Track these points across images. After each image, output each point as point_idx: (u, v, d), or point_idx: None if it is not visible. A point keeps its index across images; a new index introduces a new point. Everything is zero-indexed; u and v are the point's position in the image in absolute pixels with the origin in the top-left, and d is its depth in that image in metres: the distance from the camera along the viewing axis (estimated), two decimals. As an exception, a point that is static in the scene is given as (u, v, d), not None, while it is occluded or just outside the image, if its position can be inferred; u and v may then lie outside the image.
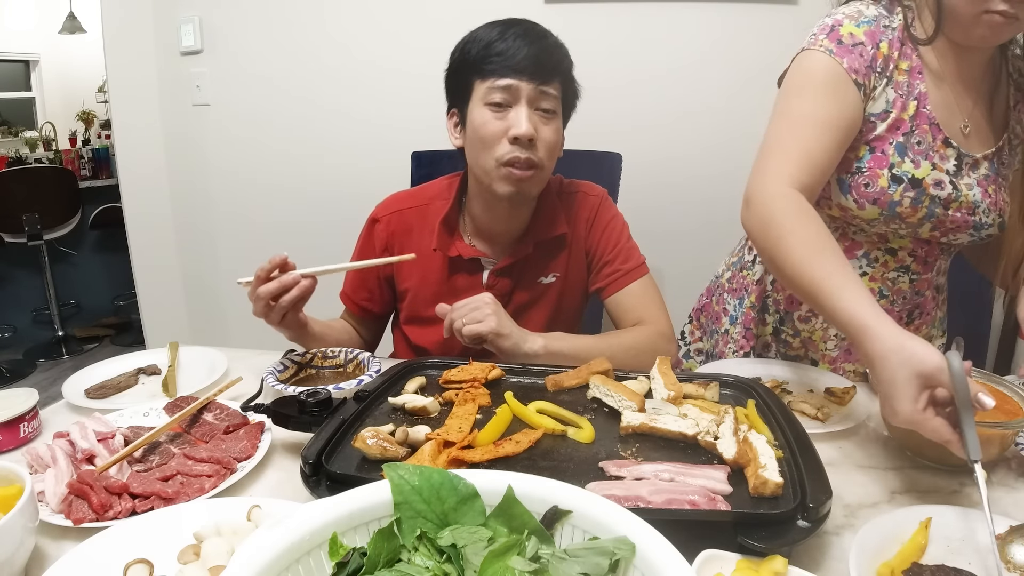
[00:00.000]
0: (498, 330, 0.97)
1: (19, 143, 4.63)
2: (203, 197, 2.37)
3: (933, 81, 0.94)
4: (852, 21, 0.93)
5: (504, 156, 1.02)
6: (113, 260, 3.99)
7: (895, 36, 0.93)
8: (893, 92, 0.94)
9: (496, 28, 1.04)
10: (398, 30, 2.04)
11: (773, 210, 0.86)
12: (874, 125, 0.95)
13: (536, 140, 1.02)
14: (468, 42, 1.06)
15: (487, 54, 1.02)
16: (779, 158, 0.90)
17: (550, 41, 1.05)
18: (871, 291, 1.05)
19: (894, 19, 0.94)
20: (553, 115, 1.05)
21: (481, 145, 1.05)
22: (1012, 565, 0.57)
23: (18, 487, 0.61)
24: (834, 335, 1.11)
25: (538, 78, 1.01)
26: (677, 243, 1.90)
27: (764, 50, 1.82)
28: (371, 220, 1.21)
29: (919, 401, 0.65)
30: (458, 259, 1.15)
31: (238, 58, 2.18)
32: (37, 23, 4.81)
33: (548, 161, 1.06)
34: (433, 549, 0.44)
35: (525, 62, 1.00)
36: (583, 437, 0.73)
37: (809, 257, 0.79)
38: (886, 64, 0.93)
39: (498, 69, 1.01)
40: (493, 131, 1.02)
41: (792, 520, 0.57)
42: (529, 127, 1.01)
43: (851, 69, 0.91)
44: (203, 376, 1.04)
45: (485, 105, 1.03)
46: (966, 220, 0.97)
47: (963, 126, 0.96)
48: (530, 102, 1.02)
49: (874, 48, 0.92)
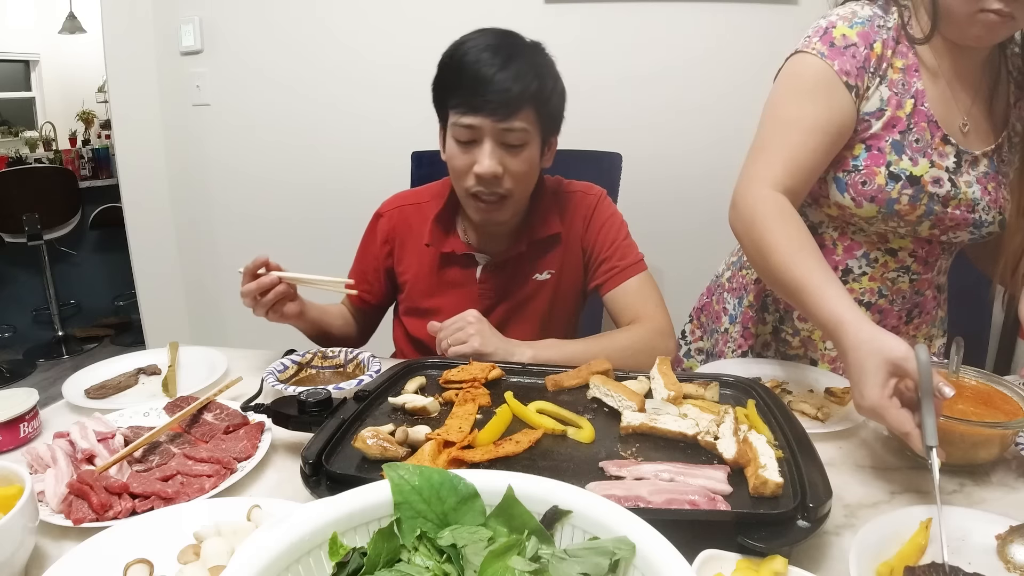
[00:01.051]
0: (481, 349, 0.97)
1: (19, 143, 4.63)
2: (203, 197, 2.37)
3: (930, 79, 0.95)
4: (845, 22, 0.94)
5: (471, 188, 1.04)
6: (113, 260, 3.99)
7: (889, 36, 0.94)
8: (887, 90, 0.94)
9: (471, 49, 1.00)
10: (398, 30, 2.04)
11: (755, 212, 0.90)
12: (869, 124, 0.95)
13: (502, 175, 1.02)
14: (444, 62, 1.05)
15: (455, 84, 1.01)
16: (765, 161, 0.94)
17: (520, 66, 0.99)
18: (871, 291, 1.06)
19: (889, 19, 0.95)
20: (521, 147, 1.03)
21: (453, 174, 1.08)
22: (1012, 565, 0.57)
23: (18, 487, 0.61)
24: None
25: (499, 115, 0.98)
26: (677, 243, 1.90)
27: (764, 50, 1.82)
28: (376, 215, 1.25)
29: (886, 388, 0.69)
30: (451, 254, 1.16)
31: (238, 58, 2.18)
32: (37, 23, 4.81)
33: (519, 189, 1.06)
34: (433, 549, 0.44)
35: (487, 99, 0.97)
36: (583, 437, 0.73)
37: (790, 256, 0.84)
38: (879, 63, 0.94)
39: (461, 105, 1.00)
40: (460, 165, 1.04)
41: (792, 520, 0.57)
42: (491, 165, 1.00)
43: (842, 71, 0.92)
44: (203, 376, 1.03)
45: (452, 138, 1.03)
46: (966, 218, 0.97)
47: (962, 124, 0.96)
48: (495, 138, 1.00)
49: (867, 48, 0.93)
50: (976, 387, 0.82)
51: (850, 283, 1.06)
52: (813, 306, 0.79)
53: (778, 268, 0.85)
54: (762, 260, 0.88)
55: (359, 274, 1.24)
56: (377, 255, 1.22)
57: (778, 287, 0.88)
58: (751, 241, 0.91)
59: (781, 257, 0.84)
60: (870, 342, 0.71)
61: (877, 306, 1.07)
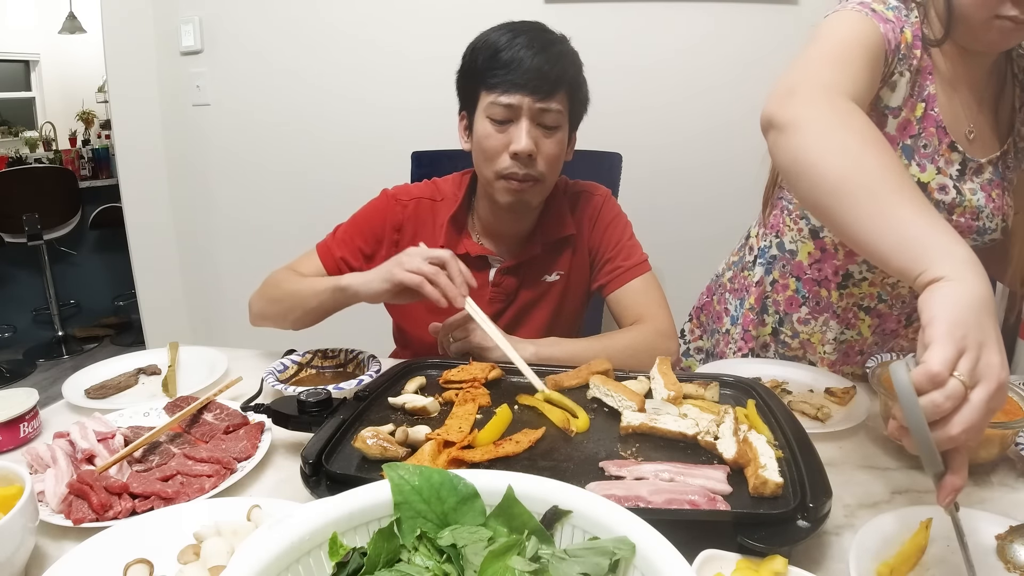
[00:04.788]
0: (482, 343, 0.97)
1: (19, 143, 4.63)
2: (203, 197, 2.37)
3: (941, 84, 0.93)
4: (880, 3, 0.88)
5: (504, 170, 1.03)
6: (113, 260, 3.99)
7: (914, 29, 0.90)
8: (907, 88, 0.91)
9: (505, 35, 1.02)
10: (398, 30, 2.04)
11: (848, 113, 0.71)
12: (885, 119, 0.92)
13: (536, 155, 1.02)
14: (476, 48, 1.05)
15: (491, 66, 1.01)
16: (830, 68, 0.79)
17: (556, 51, 1.02)
18: (870, 295, 1.06)
19: (911, 15, 0.92)
20: (556, 128, 1.04)
21: (483, 156, 1.06)
22: (1012, 565, 0.57)
23: (18, 487, 0.61)
24: (832, 339, 1.11)
25: (540, 93, 1.00)
26: (677, 243, 1.90)
27: (764, 50, 1.83)
28: (390, 196, 1.18)
29: None
30: (465, 256, 1.14)
31: (238, 58, 2.18)
32: (37, 23, 4.81)
33: (550, 173, 1.06)
34: (433, 549, 0.44)
35: (526, 77, 0.99)
36: (578, 426, 0.75)
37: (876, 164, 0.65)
38: (908, 52, 0.89)
39: (500, 84, 1.00)
40: (494, 145, 1.03)
41: (792, 520, 0.57)
42: (528, 143, 1.00)
43: (885, 37, 0.85)
44: (203, 376, 1.03)
45: (487, 118, 1.03)
46: (970, 225, 0.96)
47: (968, 131, 0.95)
48: (532, 118, 1.01)
49: (899, 32, 0.88)
50: (976, 387, 0.82)
51: (850, 288, 1.07)
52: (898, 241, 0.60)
53: (832, 178, 0.65)
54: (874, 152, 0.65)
55: (346, 241, 1.15)
56: (380, 237, 1.15)
57: (817, 208, 0.69)
58: (847, 135, 0.68)
59: (852, 166, 0.64)
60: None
61: (877, 311, 1.08)
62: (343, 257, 1.14)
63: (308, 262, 1.15)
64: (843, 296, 1.08)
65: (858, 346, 1.11)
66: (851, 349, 1.11)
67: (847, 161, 0.65)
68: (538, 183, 1.05)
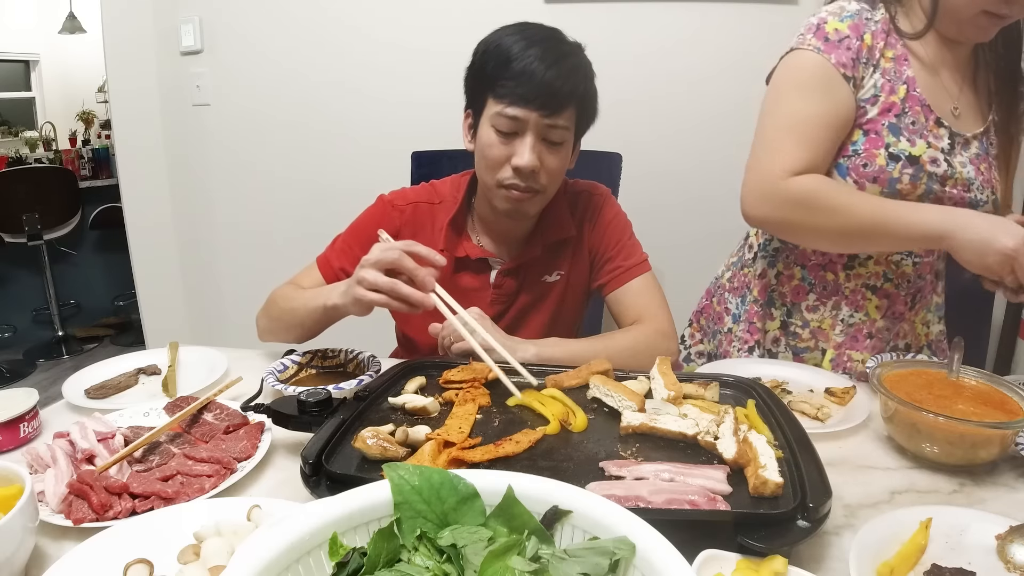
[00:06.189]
0: (484, 342, 0.96)
1: (19, 143, 4.63)
2: (203, 197, 2.37)
3: (920, 67, 0.99)
4: (836, 17, 0.97)
5: (505, 180, 1.03)
6: (113, 260, 3.99)
7: (879, 27, 0.98)
8: (881, 78, 0.98)
9: (519, 41, 0.98)
10: (398, 31, 2.04)
11: (808, 191, 0.95)
12: (864, 109, 0.99)
13: (539, 170, 1.02)
14: (488, 51, 1.02)
15: (501, 74, 0.98)
16: (784, 153, 0.96)
17: (569, 65, 0.99)
18: (876, 274, 1.09)
19: (876, 13, 0.99)
20: (560, 144, 1.03)
21: (485, 164, 1.05)
22: (1012, 565, 0.57)
23: (18, 487, 0.61)
24: (841, 320, 1.11)
25: (548, 109, 0.98)
26: (677, 243, 1.90)
27: (764, 50, 1.81)
28: (386, 202, 1.18)
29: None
30: (465, 259, 1.14)
31: (238, 58, 2.19)
32: (37, 23, 4.81)
33: (551, 184, 1.06)
34: (433, 549, 0.44)
35: (536, 92, 0.96)
36: (575, 426, 0.76)
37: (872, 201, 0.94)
38: (871, 53, 0.97)
39: (508, 95, 0.98)
40: (497, 155, 1.02)
41: (792, 520, 0.57)
42: (532, 159, 1.00)
43: (839, 64, 0.96)
44: (203, 376, 1.03)
45: (492, 127, 1.01)
46: (963, 197, 1.00)
47: (953, 108, 1.00)
48: (537, 133, 1.00)
49: (858, 40, 0.97)
50: (976, 387, 0.82)
51: (856, 268, 1.09)
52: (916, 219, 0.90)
53: (863, 215, 0.93)
54: (840, 220, 0.94)
55: (345, 251, 1.14)
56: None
57: (861, 235, 0.96)
58: (812, 216, 0.96)
59: (867, 204, 0.94)
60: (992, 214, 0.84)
61: (884, 290, 1.09)
62: (342, 267, 1.13)
63: (309, 276, 1.16)
64: (850, 277, 1.09)
65: (867, 328, 1.11)
66: (859, 332, 1.11)
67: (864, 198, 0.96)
68: (539, 194, 1.05)
